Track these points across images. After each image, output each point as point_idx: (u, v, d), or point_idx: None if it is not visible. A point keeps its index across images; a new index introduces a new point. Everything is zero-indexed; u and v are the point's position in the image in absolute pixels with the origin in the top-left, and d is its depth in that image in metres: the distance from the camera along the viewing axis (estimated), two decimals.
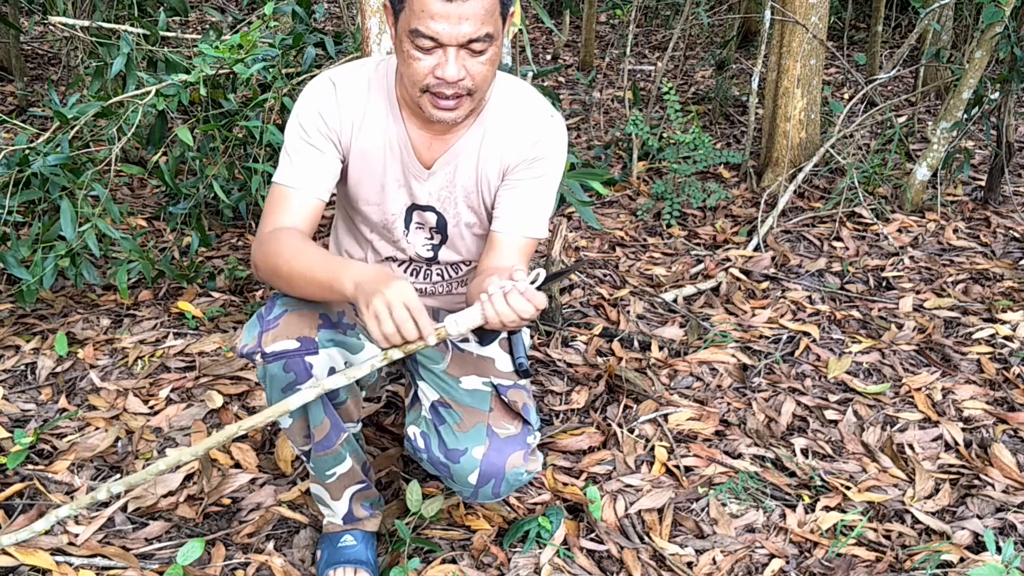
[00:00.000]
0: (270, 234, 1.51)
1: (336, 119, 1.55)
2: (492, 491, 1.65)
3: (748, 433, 2.24)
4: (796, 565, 1.82)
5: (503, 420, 1.66)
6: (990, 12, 3.15)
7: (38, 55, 5.64)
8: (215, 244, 3.15)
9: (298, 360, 1.49)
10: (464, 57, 1.39)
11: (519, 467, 1.64)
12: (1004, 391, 2.41)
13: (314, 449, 1.62)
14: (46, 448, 2.09)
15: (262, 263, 1.50)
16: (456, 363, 1.72)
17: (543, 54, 6.51)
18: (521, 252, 1.62)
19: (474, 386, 1.69)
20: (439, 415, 1.68)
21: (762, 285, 3.03)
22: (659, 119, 4.48)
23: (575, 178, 2.18)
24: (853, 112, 4.42)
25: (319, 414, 1.58)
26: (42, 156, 2.42)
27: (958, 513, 1.97)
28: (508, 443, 1.64)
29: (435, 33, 1.35)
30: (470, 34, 1.36)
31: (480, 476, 1.62)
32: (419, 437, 1.70)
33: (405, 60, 1.41)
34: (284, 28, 2.92)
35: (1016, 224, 3.50)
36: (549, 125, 1.60)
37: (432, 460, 1.67)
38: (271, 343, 1.49)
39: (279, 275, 1.46)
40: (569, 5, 5.57)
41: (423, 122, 1.56)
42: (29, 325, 2.61)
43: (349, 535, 1.75)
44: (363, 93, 1.56)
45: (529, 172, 1.61)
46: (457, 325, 1.35)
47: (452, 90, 1.41)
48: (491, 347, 1.75)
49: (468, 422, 1.64)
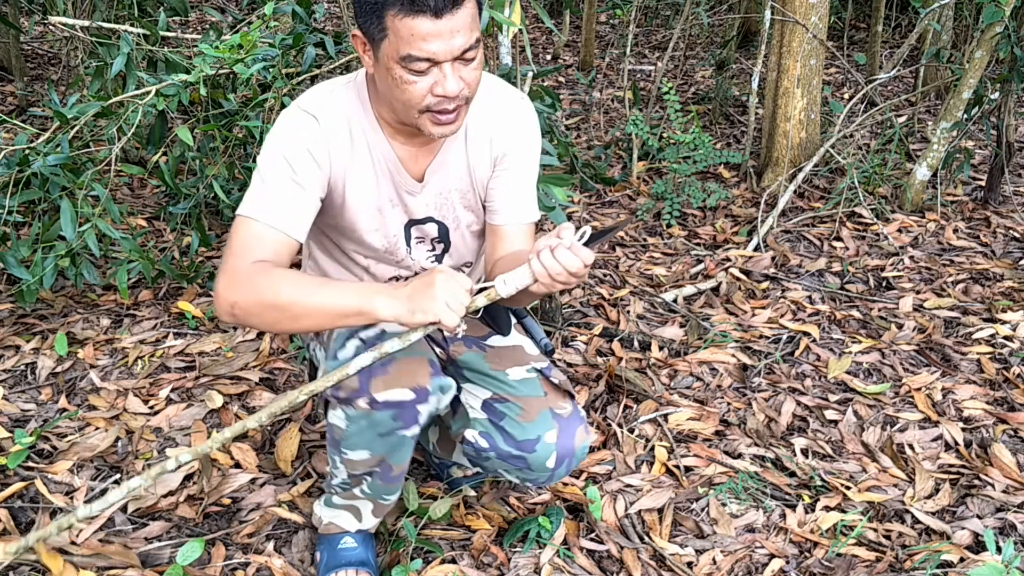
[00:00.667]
0: (255, 267, 1.39)
1: (326, 155, 1.48)
2: (565, 470, 1.67)
3: (748, 433, 2.24)
4: (796, 565, 1.82)
5: (559, 400, 1.67)
6: (990, 12, 3.15)
7: (38, 55, 5.64)
8: (215, 244, 3.16)
9: (410, 408, 1.48)
10: (459, 68, 1.37)
11: (585, 441, 1.67)
12: (1004, 391, 2.41)
13: (382, 479, 1.63)
14: (46, 448, 2.09)
15: (246, 297, 1.37)
16: (493, 359, 1.71)
17: (543, 54, 6.51)
18: (527, 238, 1.64)
19: (521, 376, 1.68)
20: (496, 412, 1.67)
21: (762, 285, 3.04)
22: (659, 119, 4.48)
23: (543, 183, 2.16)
24: (853, 112, 4.42)
25: (407, 453, 1.60)
26: (42, 156, 2.42)
27: (958, 513, 1.97)
28: (571, 421, 1.65)
29: (431, 54, 1.32)
30: (463, 45, 1.34)
31: (556, 459, 1.64)
32: (480, 438, 1.68)
33: (398, 86, 1.37)
34: (284, 28, 2.92)
35: (1016, 224, 3.50)
36: (525, 107, 1.62)
37: (502, 455, 1.66)
38: (383, 390, 1.45)
39: (276, 306, 1.36)
40: (569, 5, 5.57)
41: (407, 137, 1.53)
42: (29, 325, 2.61)
43: (349, 537, 1.74)
44: (344, 122, 1.50)
45: (517, 157, 1.61)
46: (506, 285, 1.37)
47: (454, 104, 1.39)
48: (514, 336, 1.76)
49: (531, 411, 1.64)
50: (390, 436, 1.52)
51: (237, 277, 1.39)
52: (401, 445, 1.56)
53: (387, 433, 1.51)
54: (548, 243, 1.33)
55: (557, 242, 1.32)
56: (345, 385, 1.45)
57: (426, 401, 1.49)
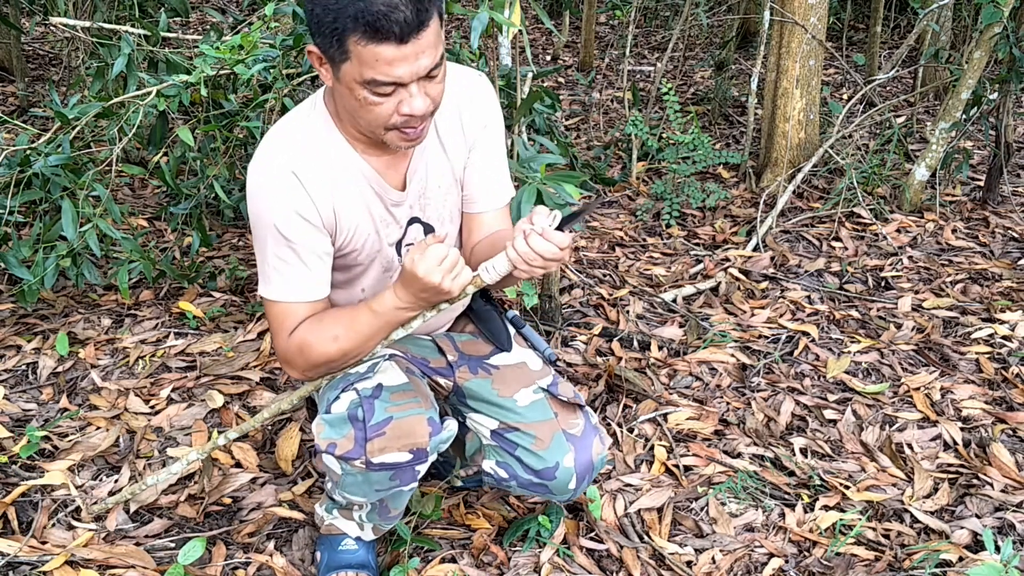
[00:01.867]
0: (290, 341, 1.48)
1: (315, 212, 1.43)
2: (587, 484, 1.69)
3: (747, 432, 2.24)
4: (795, 564, 1.83)
5: (569, 418, 1.67)
6: (989, 12, 3.15)
7: (39, 56, 5.65)
8: (216, 244, 3.16)
9: (408, 469, 1.49)
10: (424, 85, 1.32)
11: (603, 452, 1.68)
12: (1003, 391, 2.42)
13: (379, 514, 1.65)
14: (47, 447, 2.10)
15: (308, 371, 1.50)
16: (500, 383, 1.69)
17: (543, 55, 6.51)
18: (504, 219, 1.65)
19: (530, 399, 1.67)
20: (508, 442, 1.65)
21: (761, 285, 3.04)
22: (658, 119, 4.49)
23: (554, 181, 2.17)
24: (852, 112, 4.42)
25: (406, 500, 1.62)
26: (43, 156, 2.42)
27: (957, 512, 1.97)
28: (585, 438, 1.65)
29: (396, 78, 1.27)
30: (429, 65, 1.30)
31: (577, 479, 1.64)
32: (499, 469, 1.68)
33: (362, 107, 1.33)
34: (285, 29, 2.92)
35: (1015, 224, 3.51)
36: (485, 83, 1.59)
37: (524, 484, 1.66)
38: (379, 454, 1.44)
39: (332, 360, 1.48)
40: (569, 6, 5.57)
41: (380, 149, 1.49)
42: (30, 325, 2.61)
43: (349, 539, 1.74)
44: (321, 161, 1.45)
45: (488, 136, 1.60)
46: (488, 273, 1.40)
47: (421, 122, 1.36)
48: (516, 351, 1.75)
49: (544, 436, 1.63)
50: (387, 490, 1.53)
51: (288, 356, 1.50)
52: (400, 496, 1.57)
53: (384, 489, 1.52)
54: (523, 228, 1.34)
55: (530, 228, 1.33)
56: (341, 443, 1.45)
57: (424, 461, 1.49)
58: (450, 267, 1.36)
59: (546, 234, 1.32)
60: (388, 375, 1.52)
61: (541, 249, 1.32)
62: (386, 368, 1.53)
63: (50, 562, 1.73)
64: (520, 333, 1.78)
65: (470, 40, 2.06)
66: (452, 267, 1.36)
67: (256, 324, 2.63)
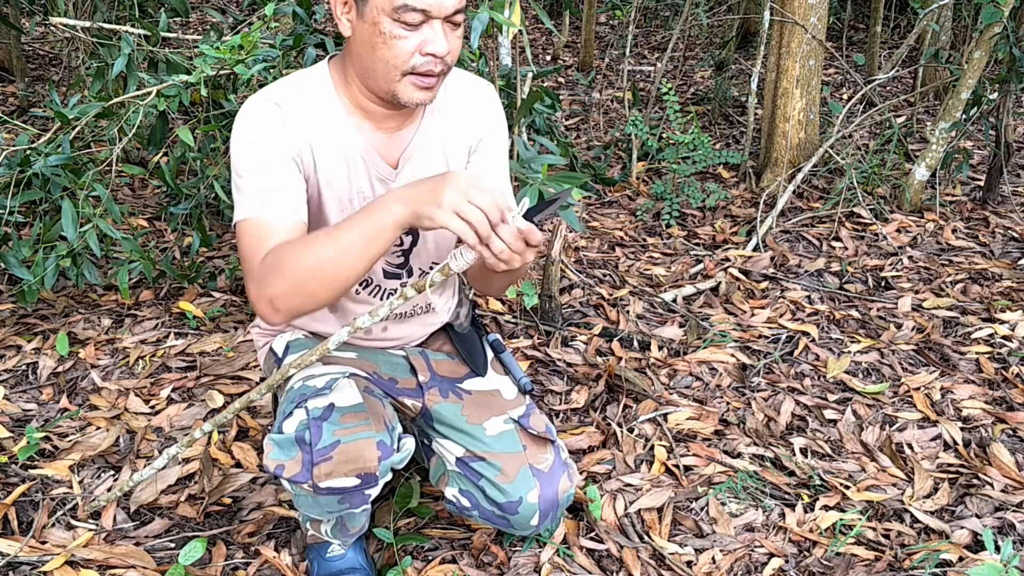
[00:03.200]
0: (264, 260, 1.35)
1: (291, 141, 1.42)
2: (550, 522, 1.66)
3: (747, 432, 2.24)
4: (795, 564, 1.83)
5: (538, 453, 1.63)
6: (989, 12, 3.15)
7: (39, 56, 5.65)
8: (216, 244, 3.16)
9: (357, 493, 1.44)
10: (447, 30, 1.35)
11: (568, 490, 1.65)
12: (1003, 390, 2.42)
13: (340, 531, 1.64)
14: (48, 447, 2.10)
15: (278, 286, 1.31)
16: (470, 409, 1.66)
17: (543, 55, 6.51)
18: None
19: (499, 429, 1.64)
20: (473, 471, 1.62)
21: (761, 285, 3.04)
22: (658, 119, 4.49)
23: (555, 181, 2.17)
24: (852, 112, 4.43)
25: (361, 519, 1.61)
26: (43, 156, 2.42)
27: (957, 512, 1.97)
28: (552, 474, 1.62)
29: (427, 5, 1.30)
30: (456, 4, 1.33)
31: (540, 516, 1.62)
32: (461, 496, 1.65)
33: (386, 42, 1.32)
34: (285, 29, 2.93)
35: (1015, 224, 3.51)
36: (493, 93, 1.60)
37: (486, 516, 1.64)
38: (325, 479, 1.39)
39: (308, 276, 1.29)
40: (569, 6, 5.57)
41: (378, 122, 1.49)
42: (30, 325, 2.61)
43: (336, 544, 1.72)
44: (310, 108, 1.45)
45: (491, 143, 1.59)
46: (456, 260, 1.29)
47: (440, 66, 1.36)
48: (491, 377, 1.73)
49: (510, 470, 1.60)
50: (339, 511, 1.50)
51: (259, 276, 1.34)
52: (352, 517, 1.56)
53: (335, 511, 1.50)
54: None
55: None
56: (289, 466, 1.40)
57: (374, 485, 1.43)
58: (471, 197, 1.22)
59: (516, 222, 1.24)
60: (343, 394, 1.45)
61: (507, 238, 1.22)
62: (343, 387, 1.46)
63: (50, 562, 1.73)
64: (498, 357, 1.76)
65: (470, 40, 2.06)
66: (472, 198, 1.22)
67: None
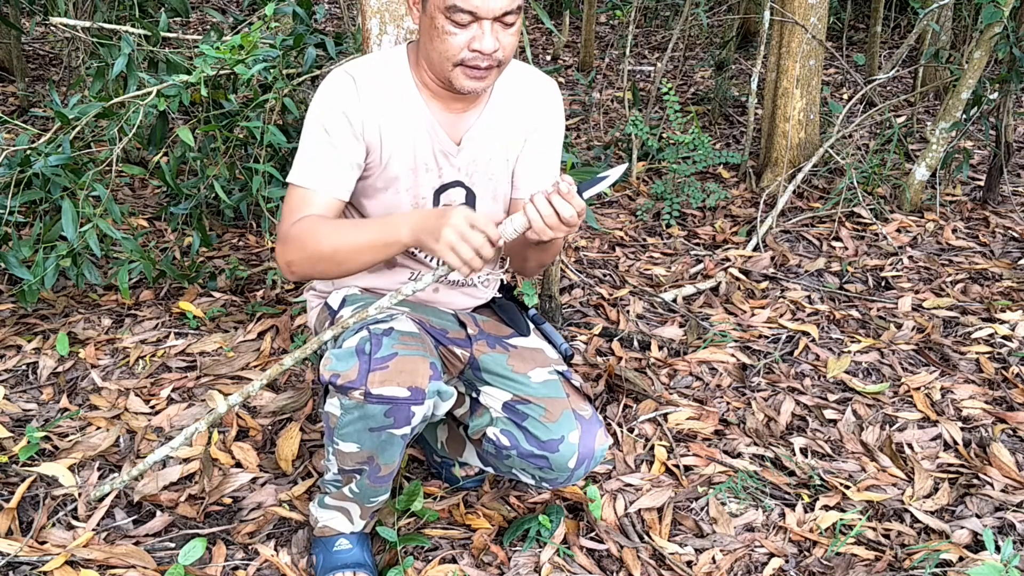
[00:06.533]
0: (296, 226, 1.55)
1: (360, 116, 1.59)
2: (584, 470, 1.70)
3: (747, 432, 2.24)
4: (795, 564, 1.83)
5: (580, 403, 1.70)
6: (989, 12, 3.15)
7: (39, 56, 5.65)
8: (216, 244, 3.16)
9: (404, 408, 1.49)
10: (497, 30, 1.48)
11: (604, 444, 1.70)
12: (1003, 390, 2.42)
13: (370, 479, 1.63)
14: (48, 447, 2.10)
15: (297, 255, 1.54)
16: (516, 360, 1.74)
17: (543, 55, 6.51)
18: None
19: (544, 377, 1.72)
20: (518, 412, 1.69)
21: (761, 285, 3.04)
22: (659, 119, 4.49)
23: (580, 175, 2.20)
24: (852, 112, 4.43)
25: (396, 454, 1.59)
26: (43, 156, 2.42)
27: (957, 512, 1.97)
28: (592, 423, 1.69)
29: (473, 7, 1.45)
30: (505, 7, 1.46)
31: (577, 460, 1.66)
32: (501, 436, 1.71)
33: (439, 36, 1.49)
34: (285, 29, 2.93)
35: (1015, 224, 3.51)
36: (553, 87, 1.75)
37: (524, 454, 1.68)
38: (378, 385, 1.47)
39: (323, 257, 1.52)
40: (569, 6, 5.58)
41: (445, 103, 1.64)
42: (30, 325, 2.61)
43: (343, 538, 1.74)
44: (383, 83, 1.61)
45: (546, 133, 1.74)
46: (505, 227, 1.46)
47: (486, 62, 1.50)
48: (533, 339, 1.82)
49: (554, 411, 1.67)
50: (380, 432, 1.52)
51: (287, 239, 1.56)
52: (391, 444, 1.56)
53: (378, 428, 1.51)
54: (544, 189, 1.44)
55: (553, 188, 1.43)
56: (345, 374, 1.47)
57: (421, 403, 1.50)
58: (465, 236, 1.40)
59: (568, 195, 1.41)
60: (400, 323, 1.57)
61: (560, 208, 1.41)
62: (400, 318, 1.59)
63: (50, 562, 1.73)
64: (539, 328, 1.85)
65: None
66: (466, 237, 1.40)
67: (256, 324, 2.63)
